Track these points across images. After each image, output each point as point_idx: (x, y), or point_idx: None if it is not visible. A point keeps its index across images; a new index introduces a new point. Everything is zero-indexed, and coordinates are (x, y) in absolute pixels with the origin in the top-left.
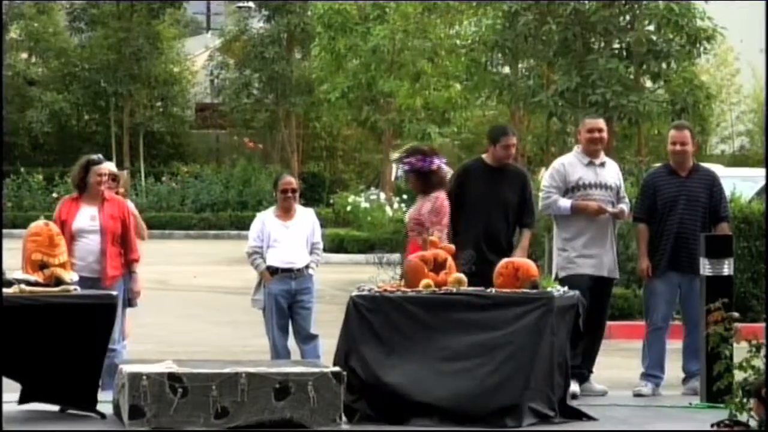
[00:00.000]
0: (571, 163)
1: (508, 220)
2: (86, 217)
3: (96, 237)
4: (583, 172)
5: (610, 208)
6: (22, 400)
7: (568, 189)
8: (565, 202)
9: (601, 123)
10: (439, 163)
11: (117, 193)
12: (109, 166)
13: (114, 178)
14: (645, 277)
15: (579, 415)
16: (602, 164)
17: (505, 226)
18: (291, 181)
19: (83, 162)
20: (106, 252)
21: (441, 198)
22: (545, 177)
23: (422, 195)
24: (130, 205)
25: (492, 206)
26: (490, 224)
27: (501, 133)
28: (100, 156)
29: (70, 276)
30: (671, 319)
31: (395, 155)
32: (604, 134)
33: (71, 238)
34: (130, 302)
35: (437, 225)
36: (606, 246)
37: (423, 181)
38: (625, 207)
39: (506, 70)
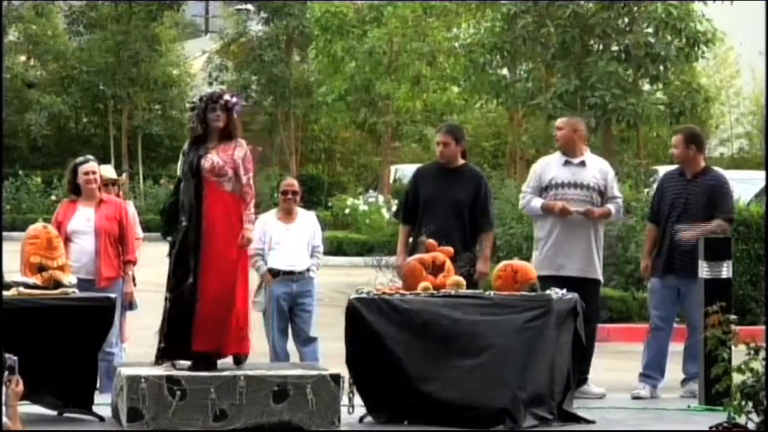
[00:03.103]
0: (547, 164)
1: (463, 220)
2: (82, 218)
3: (90, 238)
4: (557, 172)
5: (574, 208)
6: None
7: (543, 188)
8: (537, 202)
9: (560, 121)
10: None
11: (117, 195)
12: (108, 171)
13: (114, 183)
14: (644, 277)
15: (577, 419)
16: (581, 163)
17: (459, 225)
18: (293, 183)
19: (70, 166)
20: (100, 253)
21: (244, 144)
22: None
23: (223, 141)
24: (131, 208)
25: (444, 205)
26: (443, 223)
27: (437, 130)
28: (87, 156)
29: (69, 279)
30: (673, 321)
31: (217, 90)
32: (563, 132)
33: (66, 239)
34: (130, 305)
35: (250, 171)
36: (578, 246)
37: (232, 124)
38: (612, 207)
39: (505, 72)
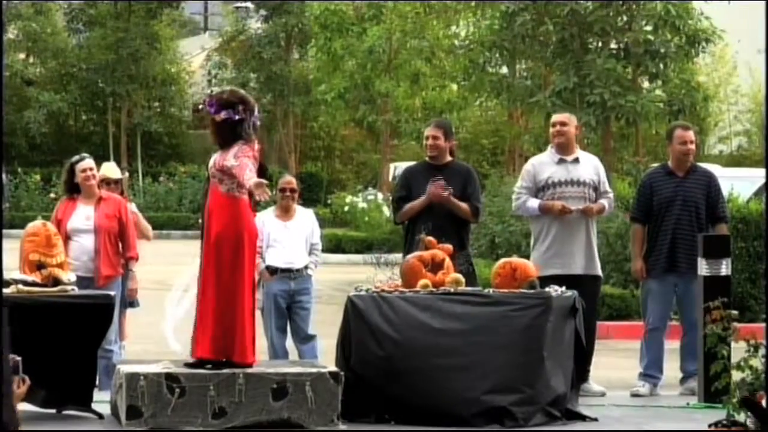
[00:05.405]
0: (541, 162)
1: (458, 216)
2: (81, 216)
3: (90, 236)
4: (553, 171)
5: (574, 206)
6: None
7: (539, 188)
8: (533, 203)
9: (563, 117)
10: (230, 116)
11: (121, 194)
12: (112, 170)
13: (117, 182)
14: (639, 278)
15: (580, 417)
16: (575, 160)
17: (455, 221)
18: (291, 180)
19: (67, 167)
20: (100, 251)
21: (245, 149)
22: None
23: (235, 142)
24: (133, 206)
25: (439, 203)
26: (440, 221)
27: (426, 125)
28: (82, 154)
29: (68, 276)
30: (669, 319)
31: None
32: (567, 128)
33: (66, 237)
34: (131, 303)
35: (239, 176)
36: (577, 244)
37: (220, 131)
38: (605, 202)
39: (504, 70)
